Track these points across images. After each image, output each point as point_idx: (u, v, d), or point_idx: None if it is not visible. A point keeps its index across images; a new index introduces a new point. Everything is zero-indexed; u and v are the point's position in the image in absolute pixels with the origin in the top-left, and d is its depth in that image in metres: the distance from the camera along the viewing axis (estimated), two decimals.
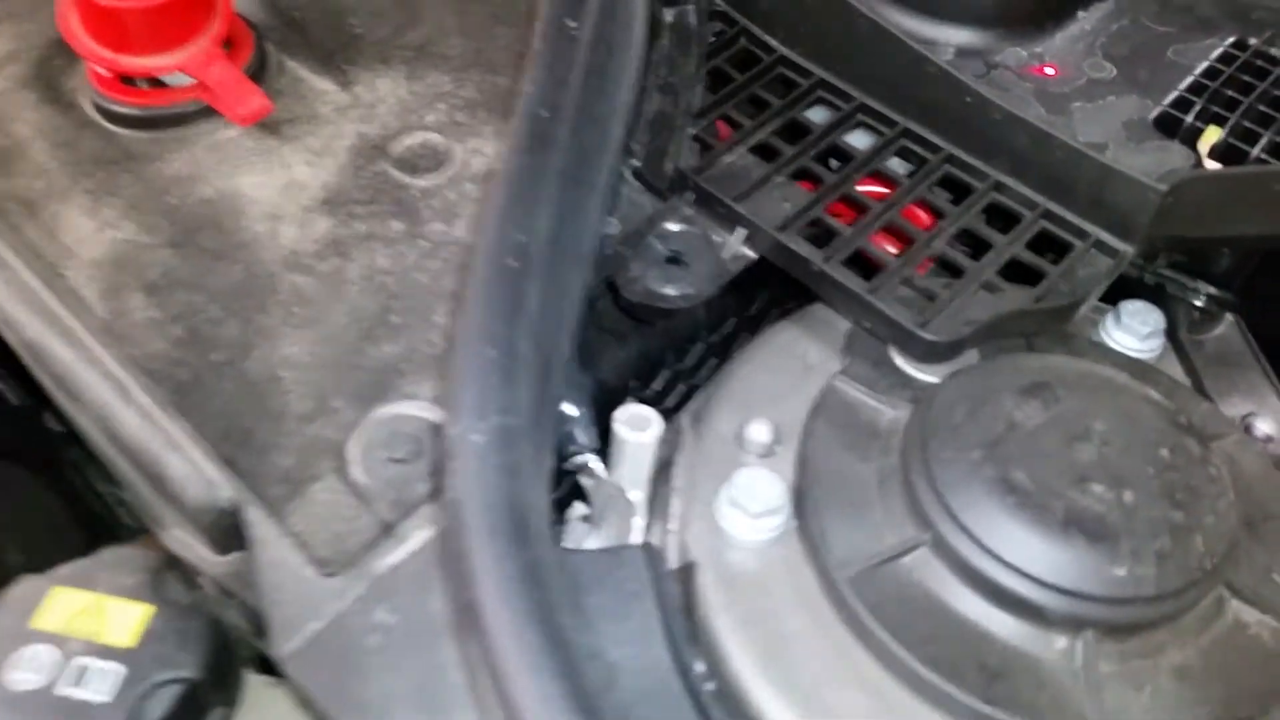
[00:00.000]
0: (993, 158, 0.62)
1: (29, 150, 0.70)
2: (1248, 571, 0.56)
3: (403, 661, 0.52)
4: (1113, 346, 0.67)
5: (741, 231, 0.62)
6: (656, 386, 0.75)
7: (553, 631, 0.41)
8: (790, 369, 0.66)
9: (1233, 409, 0.67)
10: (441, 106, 0.71)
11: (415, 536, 0.55)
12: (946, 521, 0.53)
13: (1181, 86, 0.68)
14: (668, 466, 0.62)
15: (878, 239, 0.62)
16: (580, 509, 0.67)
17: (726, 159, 0.65)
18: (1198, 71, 0.69)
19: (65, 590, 0.57)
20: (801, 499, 0.57)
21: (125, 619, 0.54)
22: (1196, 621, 0.54)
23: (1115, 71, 0.70)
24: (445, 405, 0.47)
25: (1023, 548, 0.52)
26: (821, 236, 0.62)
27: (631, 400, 0.76)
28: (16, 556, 0.86)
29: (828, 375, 0.63)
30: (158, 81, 0.70)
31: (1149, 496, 0.53)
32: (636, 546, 0.55)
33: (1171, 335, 0.69)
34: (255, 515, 0.56)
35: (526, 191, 0.51)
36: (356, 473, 0.57)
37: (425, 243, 0.65)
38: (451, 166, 0.69)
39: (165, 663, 0.52)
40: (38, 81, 0.75)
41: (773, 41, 0.69)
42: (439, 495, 0.56)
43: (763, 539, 0.56)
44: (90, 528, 0.94)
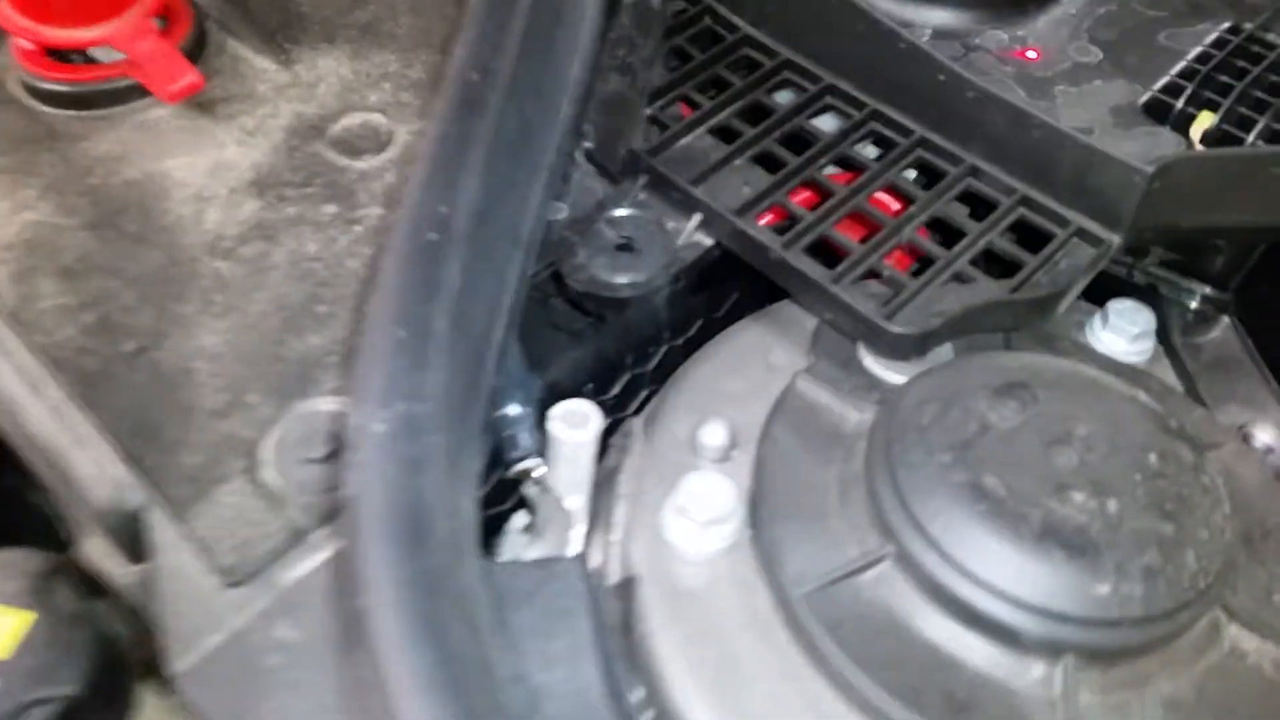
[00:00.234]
0: (968, 141, 0.58)
1: None
2: (1246, 593, 0.51)
3: (304, 681, 0.47)
4: (1099, 349, 0.62)
5: (697, 217, 0.57)
6: (615, 391, 0.71)
7: (446, 647, 0.36)
8: (752, 369, 0.61)
9: (1229, 417, 0.62)
10: (386, 86, 0.67)
11: (329, 545, 0.51)
12: (911, 532, 0.48)
13: (1173, 71, 0.64)
14: (614, 473, 0.57)
15: (844, 228, 0.57)
16: (521, 519, 0.62)
17: (683, 141, 0.60)
18: (1190, 57, 0.65)
19: None
20: (756, 507, 0.52)
21: (0, 627, 0.49)
22: (1189, 648, 0.49)
23: (1102, 55, 0.65)
24: (350, 391, 0.43)
25: (994, 561, 0.47)
26: (785, 225, 0.57)
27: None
28: None
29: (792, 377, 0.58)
30: (88, 57, 0.67)
31: (1135, 506, 0.49)
32: (570, 558, 0.50)
33: (1164, 338, 0.64)
34: (157, 518, 0.52)
35: (451, 159, 0.46)
36: (269, 474, 0.52)
37: (360, 228, 0.60)
38: (394, 148, 0.64)
39: (42, 678, 0.47)
40: None
41: (738, 20, 0.65)
42: None
43: (712, 551, 0.51)
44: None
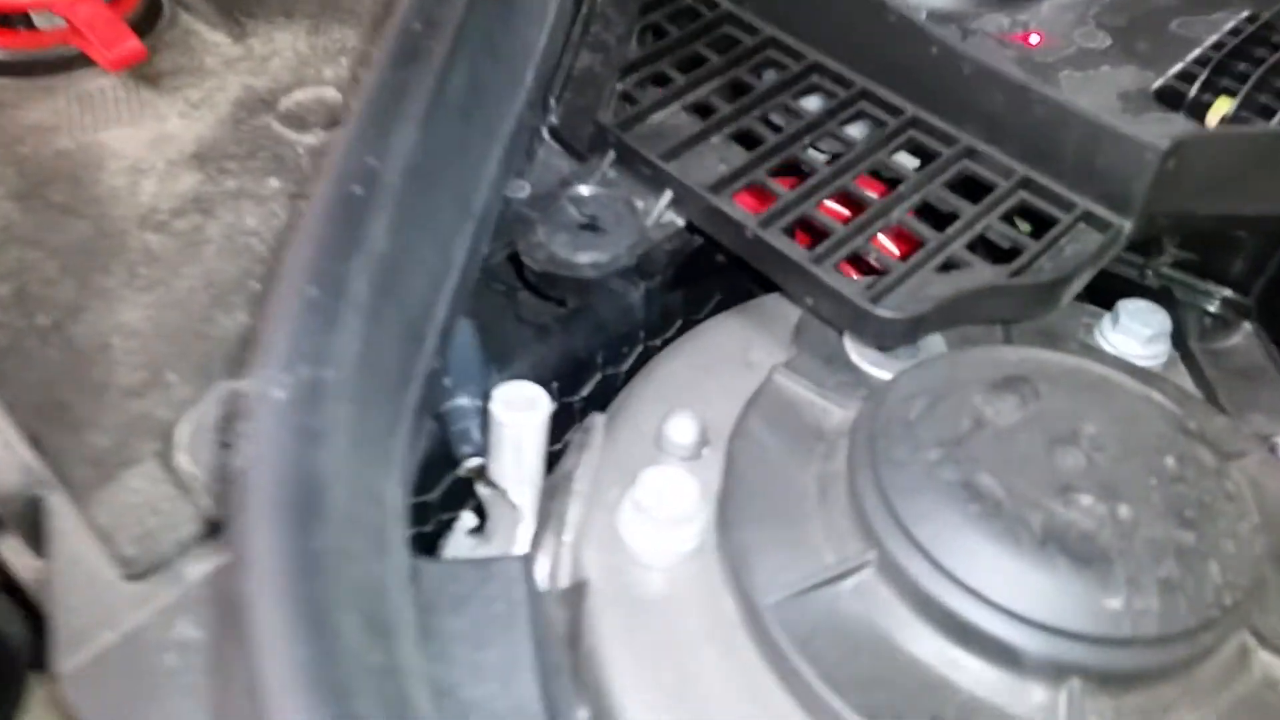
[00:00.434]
0: (964, 120, 0.53)
1: None
2: (1279, 616, 0.45)
3: (204, 685, 0.41)
4: (1109, 352, 0.57)
5: (667, 194, 0.52)
6: (584, 393, 0.65)
7: (329, 641, 0.31)
8: (727, 364, 0.56)
9: (1253, 428, 0.56)
10: (343, 61, 0.63)
11: None
12: (895, 536, 0.43)
13: (1188, 59, 0.59)
14: (571, 472, 0.51)
15: (828, 212, 0.52)
16: (469, 520, 0.56)
17: (656, 117, 0.56)
18: (1206, 44, 0.60)
19: None
20: (724, 508, 0.47)
21: None
22: (1214, 675, 0.43)
23: (1110, 41, 0.61)
24: (254, 355, 0.38)
25: (989, 570, 0.41)
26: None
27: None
28: None
29: None
30: (31, 24, 0.63)
31: (1151, 513, 0.43)
32: (511, 558, 0.45)
33: (1179, 344, 0.59)
34: (58, 504, 0.47)
35: (385, 110, 0.42)
36: (182, 459, 0.47)
37: (304, 202, 0.56)
38: None
39: None
40: None
41: None
42: None
43: (672, 554, 0.46)
44: None
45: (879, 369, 0.53)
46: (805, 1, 0.57)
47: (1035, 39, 0.61)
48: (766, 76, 0.60)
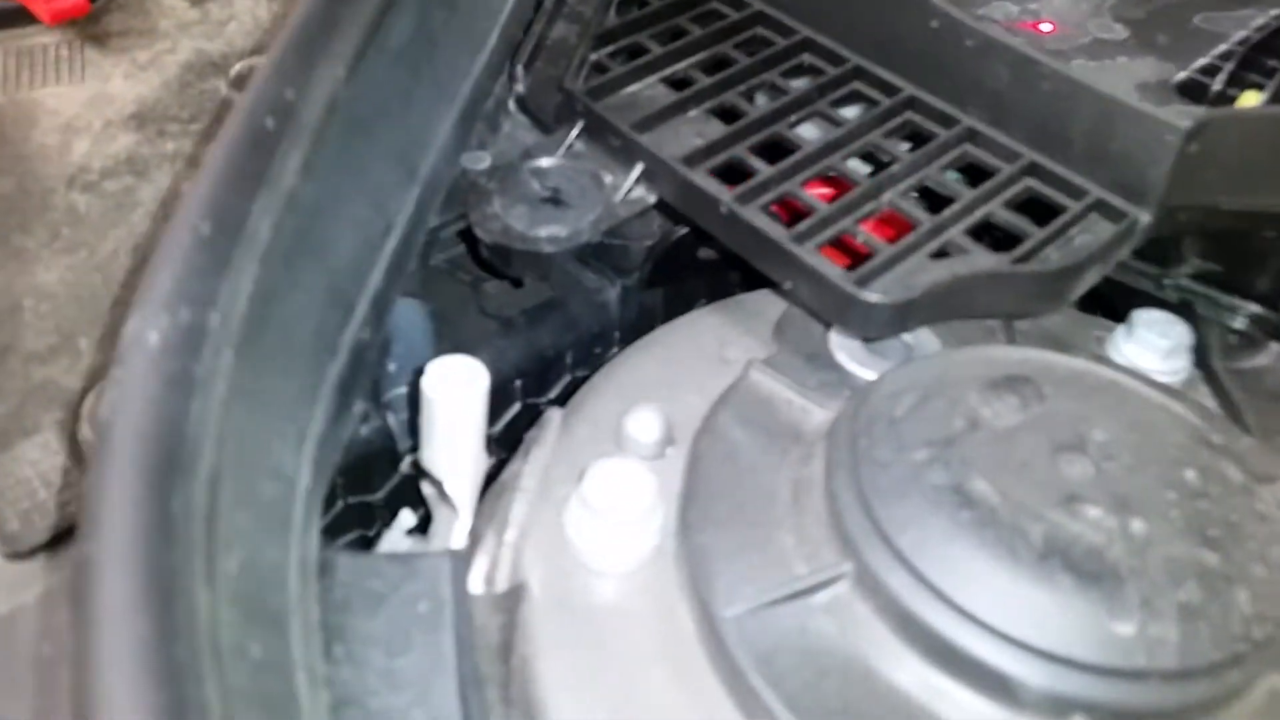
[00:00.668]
0: (966, 100, 0.49)
1: None
2: None
3: None
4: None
5: (638, 167, 0.48)
6: (551, 394, 0.60)
7: (177, 617, 0.25)
8: (700, 360, 0.51)
9: None
10: None
11: None
12: (875, 545, 0.37)
13: (1212, 53, 0.55)
14: (520, 469, 0.46)
15: (814, 192, 0.48)
16: (407, 518, 0.51)
17: (630, 88, 0.51)
18: (1233, 40, 0.56)
19: None
20: (685, 508, 0.41)
21: None
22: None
23: (1128, 34, 0.57)
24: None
25: (981, 586, 0.36)
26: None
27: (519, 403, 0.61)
28: None
29: None
30: None
31: (1169, 529, 0.38)
32: (440, 554, 0.39)
33: (1202, 362, 0.53)
34: None
35: (312, 42, 0.37)
36: (87, 430, 0.42)
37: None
38: None
39: None
40: None
41: None
42: None
43: (623, 558, 0.40)
44: None
45: (865, 370, 0.48)
46: None
47: (1047, 27, 0.57)
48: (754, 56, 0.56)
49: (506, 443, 0.53)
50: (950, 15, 0.48)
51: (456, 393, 0.39)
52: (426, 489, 0.51)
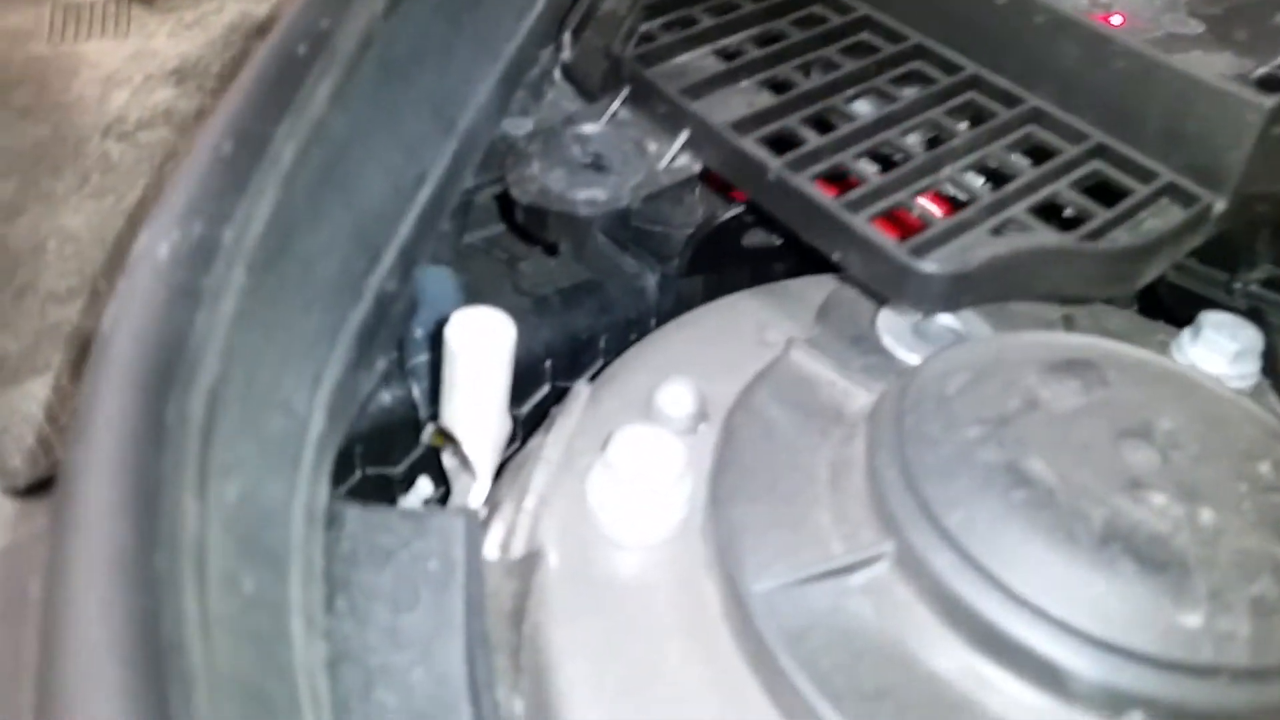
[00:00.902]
0: (1033, 79, 0.47)
1: None
2: None
3: None
4: None
5: (684, 134, 0.46)
6: (584, 378, 0.59)
7: (162, 526, 0.24)
8: (738, 341, 0.49)
9: None
10: None
11: None
12: (919, 524, 0.35)
13: None
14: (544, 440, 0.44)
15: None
16: (425, 487, 0.49)
17: (681, 58, 0.50)
18: None
19: None
20: (716, 482, 0.39)
21: None
22: None
23: (1204, 29, 0.54)
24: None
25: (1034, 569, 0.33)
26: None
27: (547, 386, 0.59)
28: None
29: None
30: None
31: (1241, 522, 0.35)
32: (455, 513, 0.37)
33: (1271, 369, 0.50)
34: None
35: None
36: None
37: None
38: None
39: None
40: None
41: None
42: None
43: (647, 529, 0.38)
44: None
45: (913, 355, 0.45)
46: None
47: (1117, 20, 0.55)
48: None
49: (533, 425, 0.52)
50: None
51: (481, 343, 0.37)
52: (448, 461, 0.49)
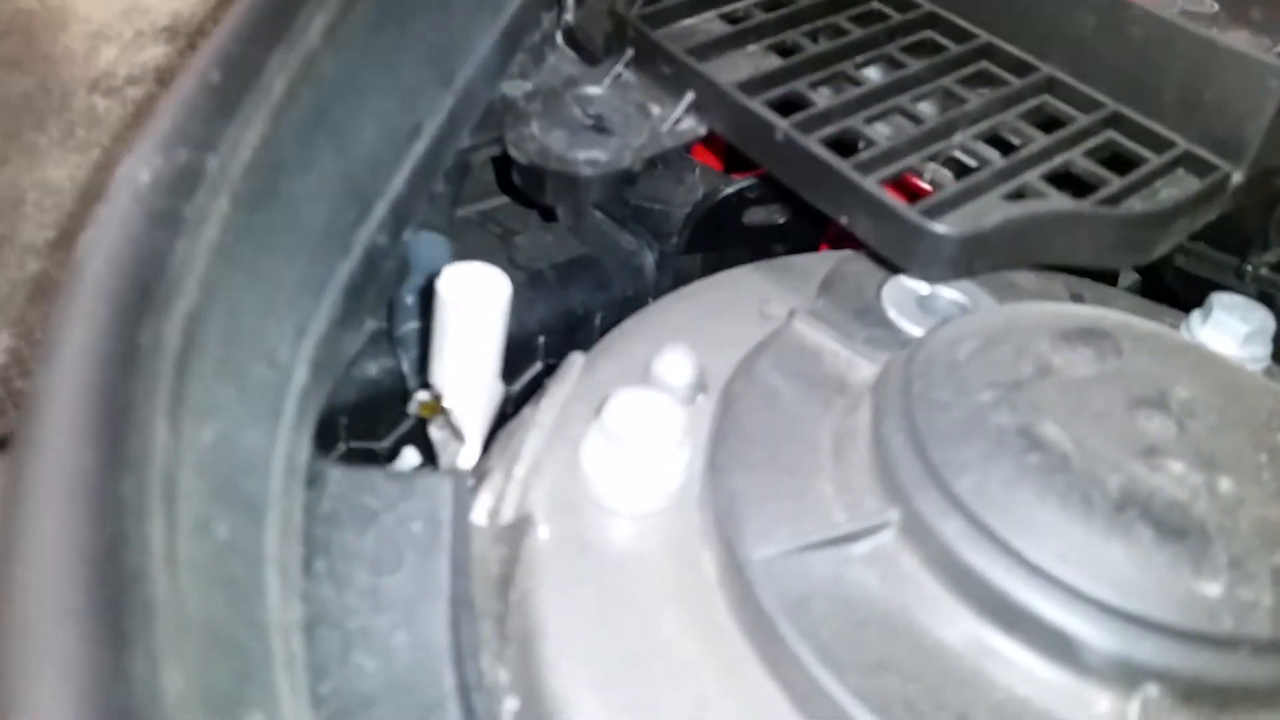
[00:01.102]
0: (1046, 47, 0.45)
1: None
2: None
3: None
4: None
5: (689, 95, 0.45)
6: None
7: (131, 450, 0.22)
8: (739, 313, 0.47)
9: None
10: None
11: None
12: (927, 490, 0.33)
13: None
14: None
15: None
16: (411, 456, 0.48)
17: (687, 22, 0.49)
18: None
19: None
20: (715, 450, 0.38)
21: None
22: None
23: (1218, 8, 0.53)
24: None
25: (1047, 534, 0.31)
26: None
27: (540, 363, 0.58)
28: None
29: None
30: None
31: (1260, 491, 0.33)
32: (442, 474, 0.36)
33: None
34: None
35: None
36: None
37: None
38: None
39: None
40: None
41: None
42: None
43: (643, 496, 0.37)
44: None
45: (918, 328, 0.44)
46: None
47: None
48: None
49: (525, 402, 0.50)
50: None
51: (474, 296, 0.36)
52: (434, 433, 0.47)
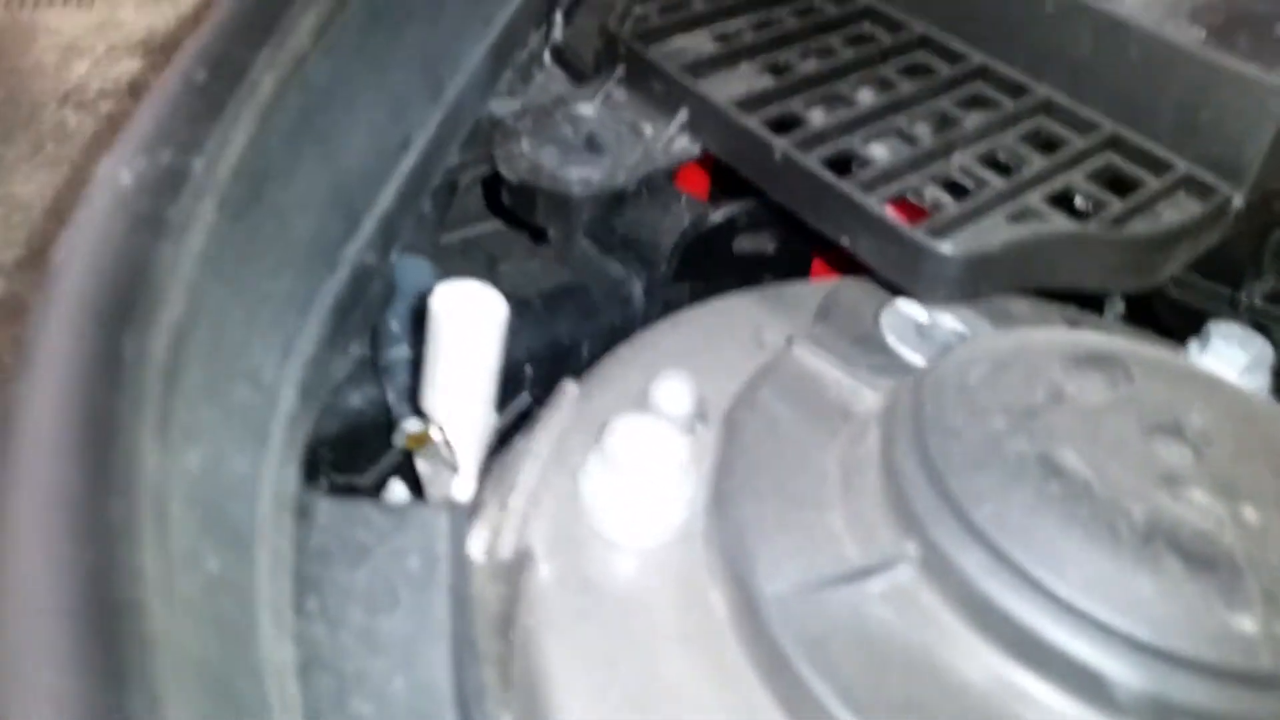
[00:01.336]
0: (1043, 68, 0.45)
1: None
2: None
3: None
4: None
5: (683, 114, 0.44)
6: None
7: (116, 465, 0.20)
8: (734, 341, 0.46)
9: None
10: None
11: None
12: (945, 521, 0.32)
13: None
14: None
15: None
16: (399, 491, 0.45)
17: (678, 41, 0.48)
18: None
19: None
20: (720, 481, 0.36)
21: None
22: None
23: (1205, 34, 0.53)
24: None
25: (1072, 567, 0.30)
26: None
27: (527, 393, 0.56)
28: None
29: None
30: None
31: None
32: (437, 507, 0.34)
33: None
34: None
35: None
36: None
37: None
38: None
39: None
40: None
41: None
42: None
43: (647, 529, 0.35)
44: None
45: (919, 356, 0.43)
46: None
47: None
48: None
49: (511, 435, 0.48)
50: None
51: (471, 314, 0.34)
52: (422, 466, 0.45)
